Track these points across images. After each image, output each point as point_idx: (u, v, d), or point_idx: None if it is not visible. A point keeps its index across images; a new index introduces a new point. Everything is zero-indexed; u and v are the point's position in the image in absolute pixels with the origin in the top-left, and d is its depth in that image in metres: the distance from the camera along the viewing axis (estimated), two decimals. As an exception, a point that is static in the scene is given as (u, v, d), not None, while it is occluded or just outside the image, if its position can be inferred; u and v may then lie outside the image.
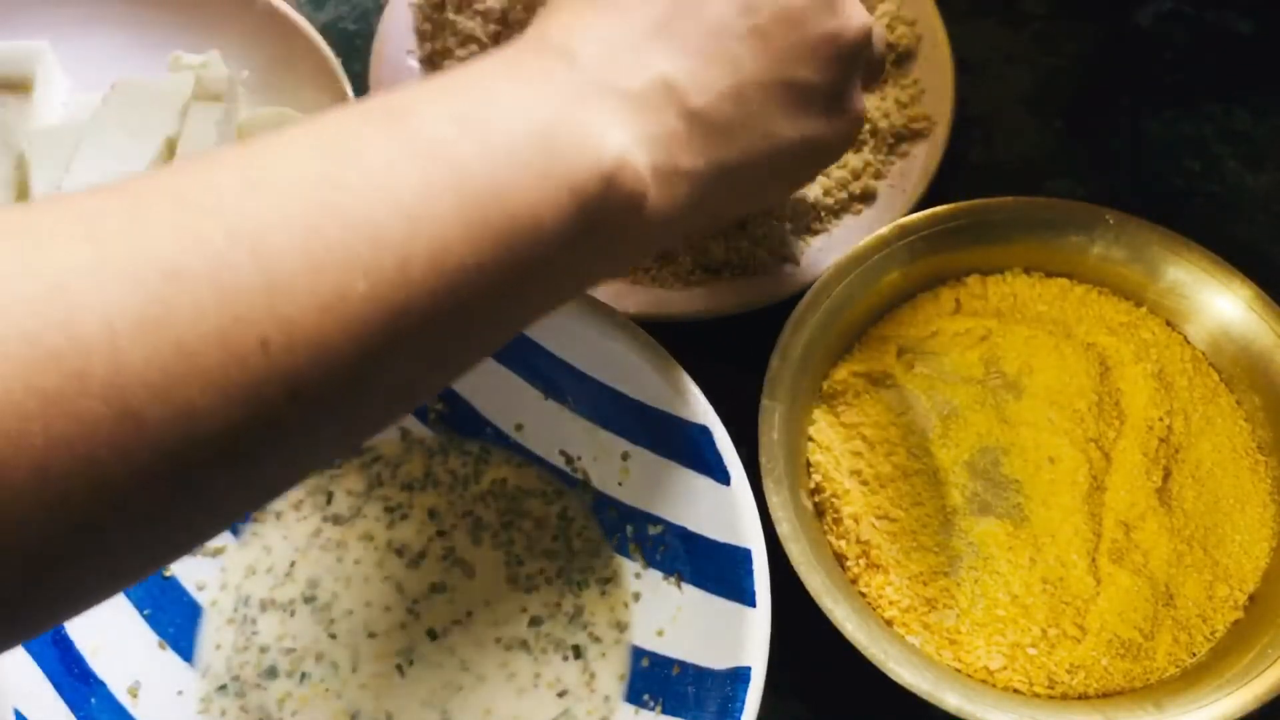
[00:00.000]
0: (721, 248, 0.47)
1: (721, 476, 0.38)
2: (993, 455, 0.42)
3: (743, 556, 0.37)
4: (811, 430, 0.43)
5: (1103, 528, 0.41)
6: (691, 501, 0.39)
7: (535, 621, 0.41)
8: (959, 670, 0.39)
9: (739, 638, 0.36)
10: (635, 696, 0.39)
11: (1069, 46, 0.55)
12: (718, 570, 0.38)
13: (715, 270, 0.47)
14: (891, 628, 0.40)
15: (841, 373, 0.44)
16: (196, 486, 0.24)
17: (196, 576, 0.42)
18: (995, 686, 0.39)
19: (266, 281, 0.24)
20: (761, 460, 0.40)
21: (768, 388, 0.42)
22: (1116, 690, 0.39)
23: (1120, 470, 0.42)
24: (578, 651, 0.41)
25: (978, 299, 0.46)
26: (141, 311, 0.22)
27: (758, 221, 0.47)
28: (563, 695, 0.40)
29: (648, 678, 0.39)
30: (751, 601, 0.36)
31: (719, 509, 0.38)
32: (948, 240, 0.45)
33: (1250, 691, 0.37)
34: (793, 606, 0.38)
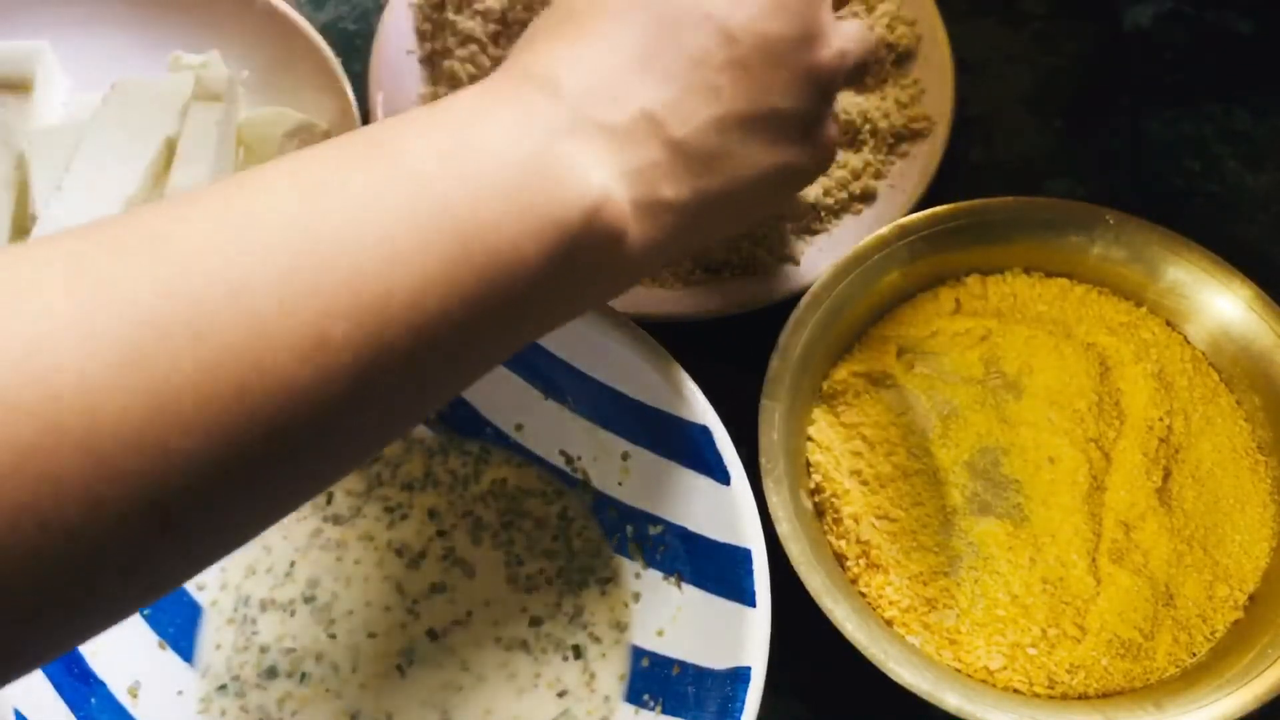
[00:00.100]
0: (721, 248, 0.47)
1: (721, 476, 0.38)
2: (993, 455, 0.42)
3: (743, 556, 0.37)
4: (811, 430, 0.43)
5: (1103, 528, 0.41)
6: (691, 501, 0.39)
7: (535, 621, 0.41)
8: (959, 670, 0.39)
9: (739, 638, 0.36)
10: (635, 696, 0.39)
11: (1069, 46, 0.55)
12: (718, 570, 0.38)
13: (715, 270, 0.47)
14: (891, 628, 0.40)
15: (841, 373, 0.44)
16: (174, 532, 0.24)
17: (197, 576, 0.42)
18: (995, 686, 0.39)
19: (245, 328, 0.24)
20: (761, 460, 0.40)
21: (768, 388, 0.42)
22: (1116, 690, 0.39)
23: (1120, 470, 0.42)
24: (578, 651, 0.41)
25: (978, 299, 0.46)
26: (118, 363, 0.22)
27: (758, 221, 0.47)
28: (563, 695, 0.40)
29: (648, 678, 0.39)
30: (751, 601, 0.36)
31: (719, 509, 0.38)
32: (948, 240, 0.45)
33: (1250, 691, 0.37)
34: (793, 606, 0.38)
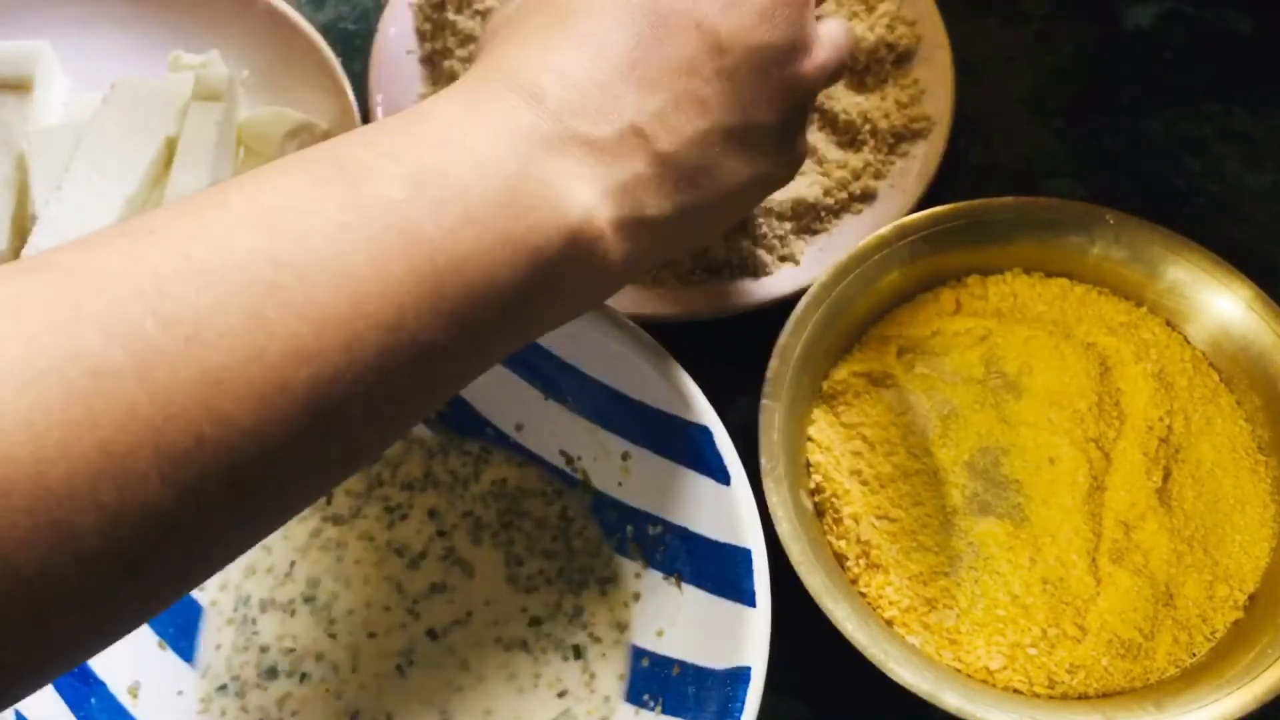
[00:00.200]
0: (721, 248, 0.47)
1: (721, 476, 0.38)
2: (993, 455, 0.42)
3: (743, 556, 0.37)
4: (811, 430, 0.43)
5: (1103, 528, 0.41)
6: (691, 501, 0.39)
7: (535, 621, 0.41)
8: (959, 670, 0.39)
9: (739, 638, 0.36)
10: (635, 696, 0.39)
11: (1069, 46, 0.55)
12: (718, 570, 0.38)
13: (715, 270, 0.47)
14: (891, 628, 0.40)
15: (841, 373, 0.44)
16: (130, 583, 0.23)
17: (196, 576, 0.42)
18: (995, 686, 0.39)
19: (202, 374, 0.23)
20: (761, 460, 0.40)
21: (768, 388, 0.42)
22: (1116, 690, 0.39)
23: (1120, 470, 0.42)
24: (578, 651, 0.41)
25: (978, 299, 0.46)
26: (66, 417, 0.21)
27: (757, 221, 0.47)
28: (563, 695, 0.40)
29: (648, 678, 0.39)
30: (751, 601, 0.36)
31: (719, 509, 0.38)
32: (948, 240, 0.45)
33: (1250, 691, 0.37)
34: (793, 606, 0.38)
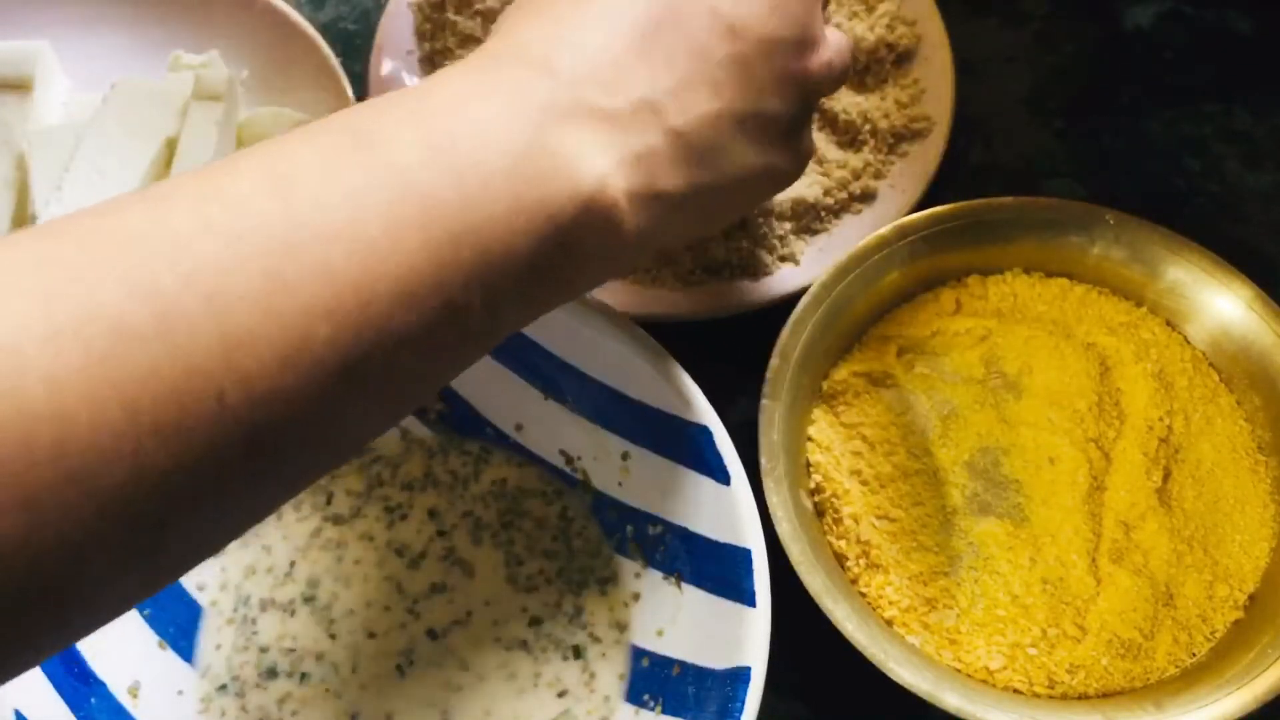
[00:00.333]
0: (721, 248, 0.47)
1: (721, 476, 0.38)
2: (993, 455, 0.42)
3: (743, 556, 0.37)
4: (811, 430, 0.43)
5: (1103, 528, 0.41)
6: (691, 501, 0.39)
7: (535, 621, 0.41)
8: (959, 670, 0.39)
9: (739, 638, 0.36)
10: (635, 696, 0.39)
11: (1069, 46, 0.55)
12: (718, 570, 0.38)
13: (715, 270, 0.47)
14: (891, 628, 0.40)
15: (841, 373, 0.44)
16: (153, 540, 0.23)
17: (196, 576, 0.42)
18: (995, 686, 0.39)
19: (222, 333, 0.23)
20: (761, 460, 0.40)
21: (768, 388, 0.42)
22: (1116, 690, 0.39)
23: (1120, 470, 0.42)
24: (578, 651, 0.41)
25: (978, 299, 0.46)
26: (88, 372, 0.21)
27: (758, 221, 0.47)
28: (563, 695, 0.40)
29: (648, 678, 0.39)
30: (751, 601, 0.36)
31: (719, 509, 0.38)
32: (948, 240, 0.45)
33: (1250, 691, 0.37)
34: (793, 606, 0.38)
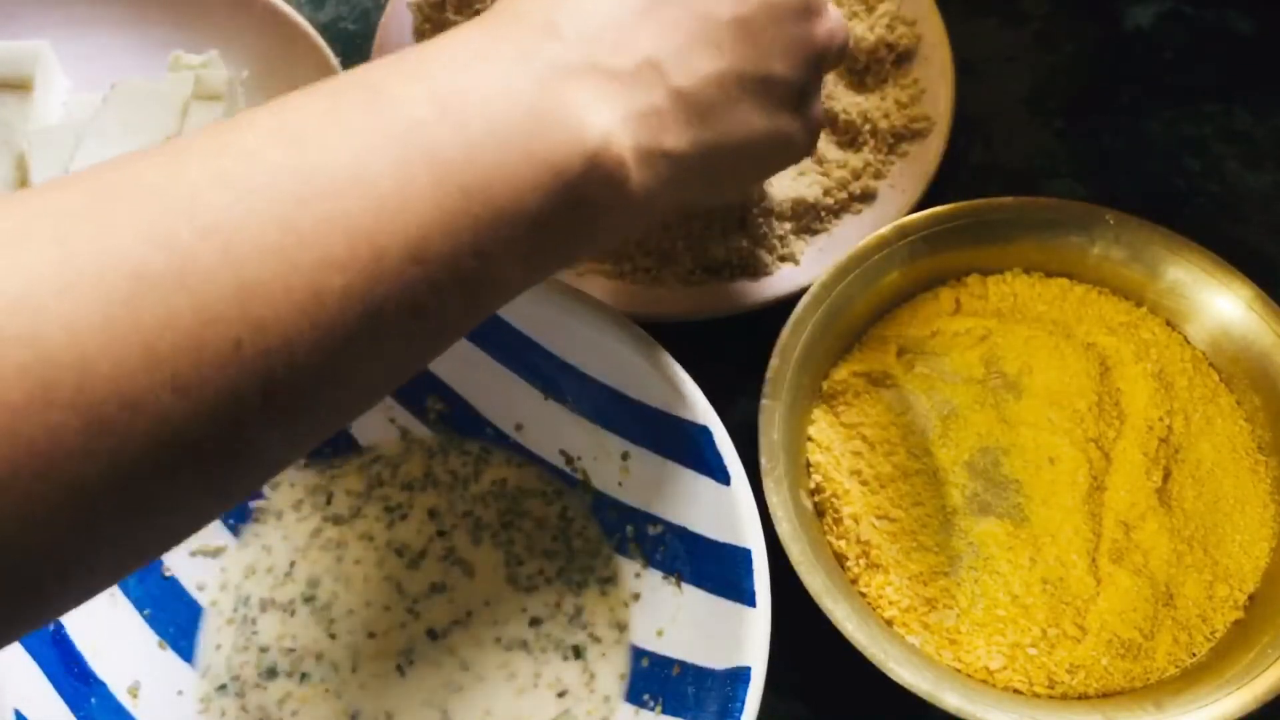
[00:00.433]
0: (721, 248, 0.47)
1: (721, 476, 0.38)
2: (993, 455, 0.42)
3: (743, 556, 0.37)
4: (811, 430, 0.43)
5: (1103, 528, 0.41)
6: (691, 501, 0.39)
7: (535, 621, 0.41)
8: (959, 670, 0.39)
9: (739, 638, 0.36)
10: (635, 696, 0.39)
11: (1069, 46, 0.55)
12: (718, 570, 0.38)
13: (715, 270, 0.47)
14: (891, 628, 0.40)
15: (841, 373, 0.44)
16: (171, 488, 0.23)
17: (196, 576, 0.42)
18: (995, 686, 0.39)
19: (239, 281, 0.23)
20: (761, 460, 0.40)
21: (768, 388, 0.42)
22: (1116, 690, 0.39)
23: (1120, 470, 0.42)
24: (578, 651, 0.41)
25: (978, 299, 0.46)
26: (108, 317, 0.22)
27: (758, 221, 0.47)
28: (563, 695, 0.40)
29: (648, 678, 0.39)
30: (751, 601, 0.36)
31: (719, 509, 0.38)
32: (948, 240, 0.45)
33: (1250, 691, 0.37)
34: (793, 606, 0.38)
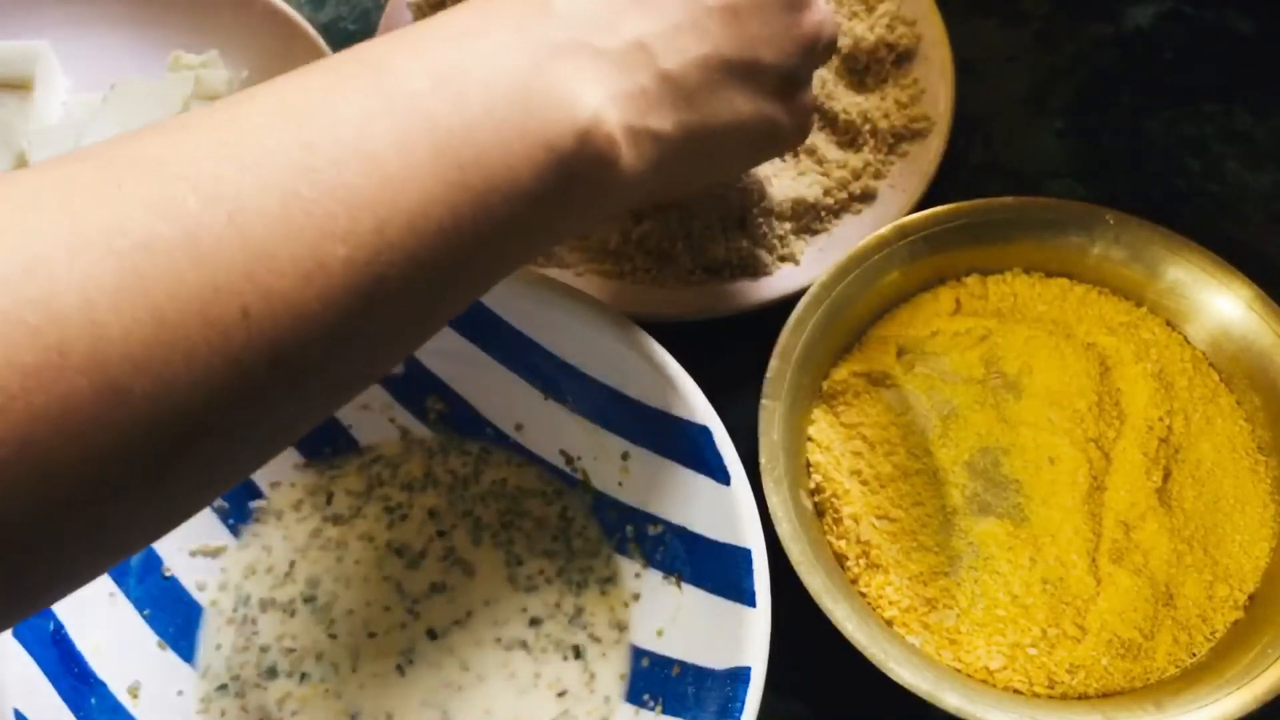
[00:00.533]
0: (721, 248, 0.47)
1: (721, 476, 0.38)
2: (993, 455, 0.42)
3: (743, 556, 0.37)
4: (811, 430, 0.43)
5: (1103, 528, 0.41)
6: (691, 501, 0.39)
7: (535, 621, 0.41)
8: (959, 670, 0.39)
9: (739, 638, 0.36)
10: (635, 696, 0.39)
11: (1069, 46, 0.55)
12: (718, 570, 0.38)
13: (715, 270, 0.47)
14: (891, 628, 0.40)
15: (841, 373, 0.44)
16: (181, 457, 0.24)
17: (196, 576, 0.42)
18: (995, 686, 0.39)
19: (245, 249, 0.24)
20: (761, 460, 0.40)
21: (768, 388, 0.42)
22: (1116, 690, 0.39)
23: (1120, 470, 0.42)
24: (578, 651, 0.41)
25: (978, 299, 0.46)
26: (118, 283, 0.22)
27: (758, 221, 0.47)
28: (563, 695, 0.40)
29: (648, 678, 0.39)
30: (751, 601, 0.36)
31: (719, 509, 0.38)
32: (948, 240, 0.45)
33: (1250, 691, 0.37)
34: (793, 606, 0.38)
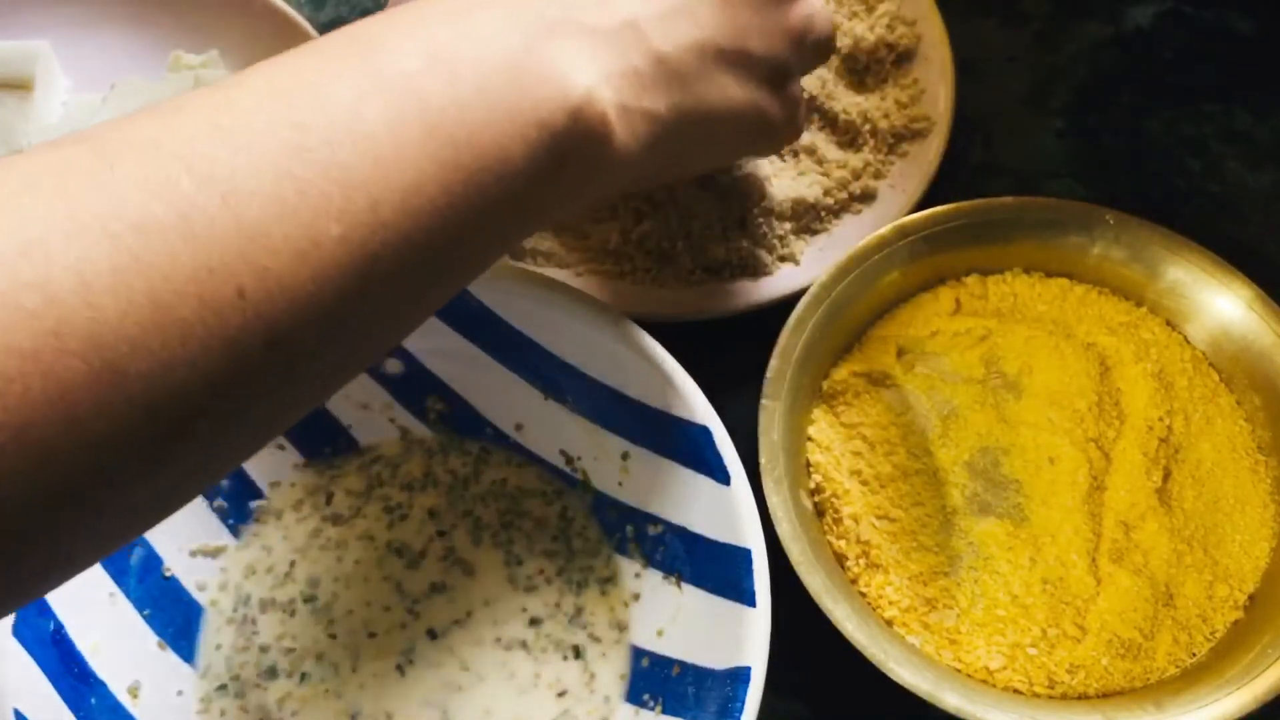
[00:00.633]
0: (721, 248, 0.47)
1: (721, 476, 0.38)
2: (993, 455, 0.42)
3: (743, 556, 0.37)
4: (811, 430, 0.43)
5: (1103, 528, 0.41)
6: (691, 501, 0.39)
7: (535, 621, 0.41)
8: (959, 670, 0.39)
9: (739, 638, 0.36)
10: (635, 696, 0.39)
11: (1069, 46, 0.55)
12: (718, 570, 0.38)
13: (715, 270, 0.47)
14: (891, 628, 0.40)
15: (841, 373, 0.44)
16: (178, 441, 0.24)
17: (196, 576, 0.42)
18: (995, 686, 0.39)
19: (239, 229, 0.24)
20: (761, 460, 0.40)
21: (768, 388, 0.42)
22: (1116, 690, 0.39)
23: (1120, 470, 0.42)
24: (578, 651, 0.41)
25: (978, 299, 0.46)
26: (114, 265, 0.22)
27: (758, 221, 0.47)
28: (563, 695, 0.40)
29: (648, 678, 0.39)
30: (751, 601, 0.36)
31: (719, 509, 0.38)
32: (948, 240, 0.45)
33: (1250, 691, 0.37)
34: (793, 606, 0.38)
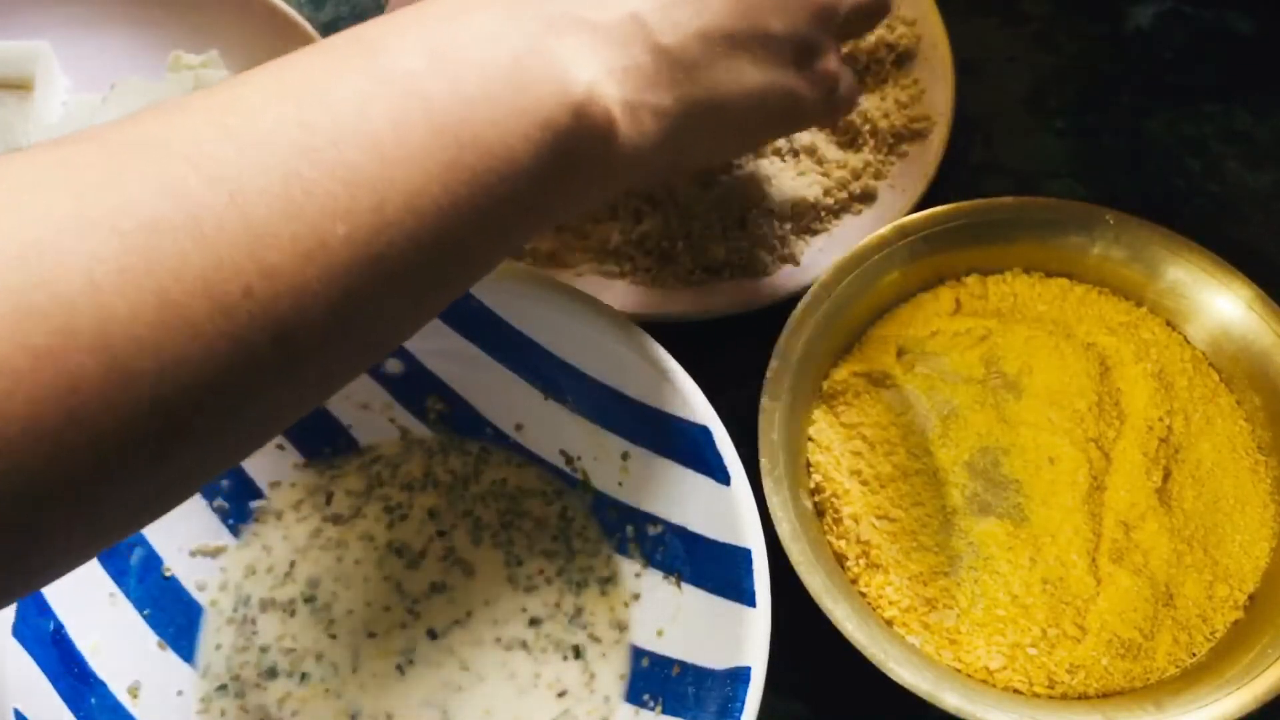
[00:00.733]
0: (721, 248, 0.47)
1: (721, 476, 0.38)
2: (993, 455, 0.42)
3: (743, 556, 0.37)
4: (811, 430, 0.43)
5: (1103, 528, 0.41)
6: (691, 501, 0.39)
7: (535, 621, 0.41)
8: (959, 670, 0.39)
9: (739, 638, 0.36)
10: (635, 696, 0.39)
11: (1069, 46, 0.55)
12: (718, 570, 0.38)
13: (715, 270, 0.47)
14: (891, 628, 0.40)
15: (841, 373, 0.44)
16: (187, 435, 0.24)
17: (196, 576, 0.42)
18: (995, 686, 0.39)
19: (247, 228, 0.24)
20: (761, 460, 0.40)
21: (768, 388, 0.42)
22: (1116, 690, 0.39)
23: (1120, 470, 0.42)
24: (578, 651, 0.41)
25: (978, 299, 0.46)
26: (122, 263, 0.22)
27: (758, 221, 0.47)
28: (563, 695, 0.40)
29: (648, 678, 0.39)
30: (751, 601, 0.36)
31: (719, 509, 0.38)
32: (948, 240, 0.45)
33: (1250, 691, 0.37)
34: (793, 606, 0.38)
